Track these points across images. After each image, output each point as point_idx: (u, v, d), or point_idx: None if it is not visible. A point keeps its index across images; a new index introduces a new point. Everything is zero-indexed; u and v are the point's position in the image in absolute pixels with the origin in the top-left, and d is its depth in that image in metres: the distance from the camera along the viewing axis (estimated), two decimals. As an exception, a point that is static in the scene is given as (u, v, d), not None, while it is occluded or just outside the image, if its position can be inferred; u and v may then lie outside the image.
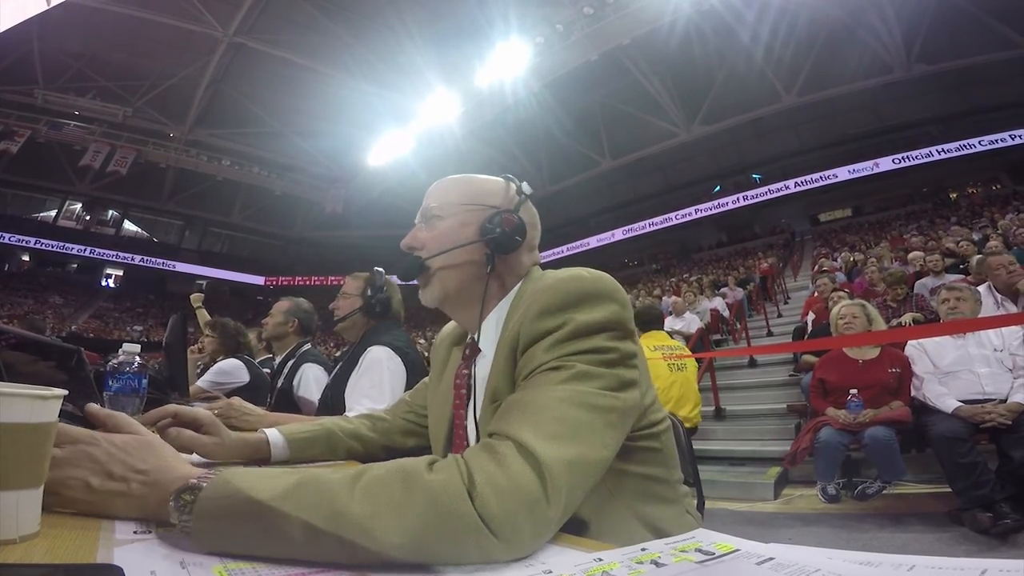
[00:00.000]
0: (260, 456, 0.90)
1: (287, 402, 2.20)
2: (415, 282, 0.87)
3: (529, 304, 0.71)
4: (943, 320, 2.82)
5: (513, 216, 0.83)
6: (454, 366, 0.89)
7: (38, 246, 22.91)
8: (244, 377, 2.75)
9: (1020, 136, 15.18)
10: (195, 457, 0.83)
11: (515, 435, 0.54)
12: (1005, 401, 2.44)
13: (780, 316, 8.50)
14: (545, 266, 0.91)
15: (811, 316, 5.05)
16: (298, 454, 0.92)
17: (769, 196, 19.47)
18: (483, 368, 0.81)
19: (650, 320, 3.85)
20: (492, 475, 0.50)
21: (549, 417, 0.57)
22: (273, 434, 0.91)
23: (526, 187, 0.88)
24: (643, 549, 0.46)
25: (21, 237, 22.58)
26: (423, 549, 0.45)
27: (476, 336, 0.84)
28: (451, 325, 0.99)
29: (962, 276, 4.49)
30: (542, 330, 0.67)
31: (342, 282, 2.02)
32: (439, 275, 0.84)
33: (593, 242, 22.65)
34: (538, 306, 0.69)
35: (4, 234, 22.02)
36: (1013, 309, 3.15)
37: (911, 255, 6.65)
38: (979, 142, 15.87)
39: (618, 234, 22.40)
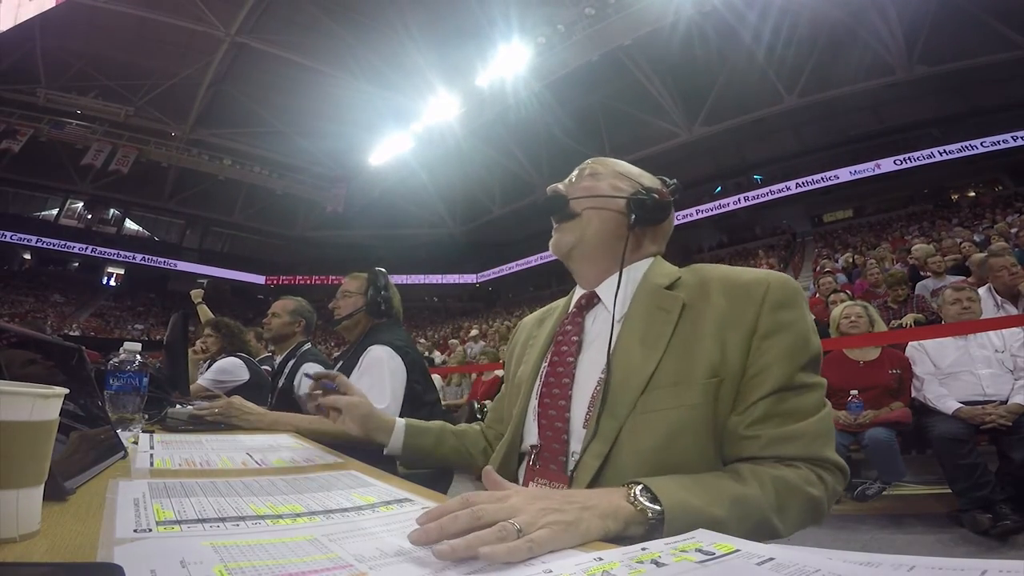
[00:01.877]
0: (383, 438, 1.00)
1: (288, 401, 2.20)
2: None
3: (753, 292, 0.77)
4: (953, 320, 2.81)
5: (667, 195, 0.89)
6: (543, 330, 0.97)
7: (40, 245, 22.95)
8: (244, 375, 2.76)
9: (1022, 138, 15.15)
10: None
11: (829, 458, 0.72)
12: (1006, 402, 2.43)
13: (781, 317, 8.48)
14: (545, 266, 0.95)
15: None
16: (411, 439, 1.01)
17: (770, 197, 19.45)
18: (601, 321, 0.86)
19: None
20: (831, 490, 0.71)
21: (827, 432, 0.74)
22: (399, 421, 1.02)
23: (677, 185, 0.94)
24: (643, 549, 0.46)
25: (23, 236, 22.63)
26: (795, 531, 0.68)
27: (588, 293, 0.91)
28: (531, 317, 1.08)
29: (963, 278, 4.48)
30: (784, 322, 0.75)
31: (343, 282, 2.02)
32: (583, 216, 0.88)
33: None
34: (773, 299, 0.76)
35: (6, 233, 22.07)
36: (1013, 311, 3.14)
37: (916, 247, 6.64)
38: (981, 143, 15.84)
39: (619, 234, 22.39)
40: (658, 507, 0.57)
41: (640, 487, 0.59)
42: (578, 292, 0.94)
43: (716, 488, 0.64)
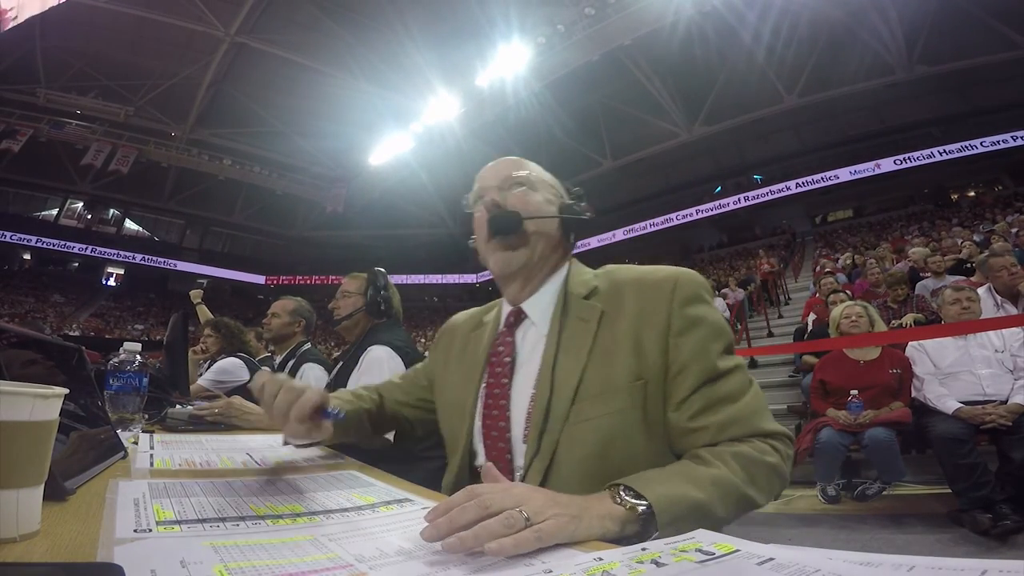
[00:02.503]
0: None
1: (287, 401, 2.19)
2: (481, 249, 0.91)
3: (662, 289, 0.79)
4: (953, 320, 2.81)
5: (591, 209, 0.92)
6: (477, 346, 0.93)
7: (40, 245, 22.92)
8: (244, 376, 2.75)
9: (1022, 137, 15.15)
10: None
11: (773, 429, 0.77)
12: (1006, 402, 2.43)
13: (781, 317, 8.49)
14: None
15: (812, 317, 5.06)
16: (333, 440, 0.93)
17: (770, 197, 19.44)
18: (532, 335, 0.87)
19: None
20: (785, 455, 0.75)
21: (763, 407, 0.78)
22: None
23: (582, 191, 0.98)
24: (643, 549, 0.46)
25: (23, 236, 22.58)
26: (769, 499, 0.72)
27: (516, 308, 0.90)
28: (463, 315, 1.06)
29: (963, 278, 4.48)
30: (694, 316, 0.78)
31: (342, 282, 2.02)
32: (535, 238, 0.87)
33: (594, 242, 22.63)
34: (682, 295, 0.78)
35: (6, 233, 22.03)
36: (1013, 311, 3.14)
37: (913, 250, 6.65)
38: (980, 143, 15.84)
39: (619, 234, 22.37)
40: (644, 502, 0.58)
41: (622, 487, 0.61)
42: (505, 308, 0.93)
43: (691, 474, 0.66)
